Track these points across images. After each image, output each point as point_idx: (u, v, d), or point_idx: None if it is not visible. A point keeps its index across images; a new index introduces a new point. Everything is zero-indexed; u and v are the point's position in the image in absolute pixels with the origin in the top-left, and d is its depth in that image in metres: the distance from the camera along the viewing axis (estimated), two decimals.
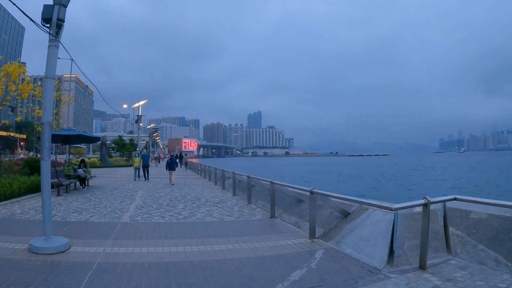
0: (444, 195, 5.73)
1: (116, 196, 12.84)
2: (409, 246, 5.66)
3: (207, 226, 7.68)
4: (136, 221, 8.09)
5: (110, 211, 9.49)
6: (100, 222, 8.04)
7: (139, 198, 12.29)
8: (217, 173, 18.23)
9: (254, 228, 7.62)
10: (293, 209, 8.85)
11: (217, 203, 11.24)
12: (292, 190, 9.03)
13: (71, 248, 5.71)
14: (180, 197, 12.57)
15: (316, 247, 6.08)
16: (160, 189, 15.55)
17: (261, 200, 10.91)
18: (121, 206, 10.38)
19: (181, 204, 10.91)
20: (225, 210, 9.80)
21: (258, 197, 11.36)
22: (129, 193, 13.65)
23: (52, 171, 13.59)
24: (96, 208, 9.98)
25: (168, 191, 14.51)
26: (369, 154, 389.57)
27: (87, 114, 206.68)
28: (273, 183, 8.91)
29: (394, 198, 24.00)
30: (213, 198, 12.36)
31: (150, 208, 9.94)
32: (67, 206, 10.35)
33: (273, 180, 8.97)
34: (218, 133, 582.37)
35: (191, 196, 13.06)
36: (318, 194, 6.83)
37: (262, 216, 9.11)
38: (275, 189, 9.01)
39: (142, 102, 24.40)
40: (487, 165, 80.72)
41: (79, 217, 8.53)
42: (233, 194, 13.28)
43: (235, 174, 13.37)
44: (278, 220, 8.54)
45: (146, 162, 21.02)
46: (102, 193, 13.62)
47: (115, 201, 11.46)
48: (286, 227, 7.72)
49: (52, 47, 6.05)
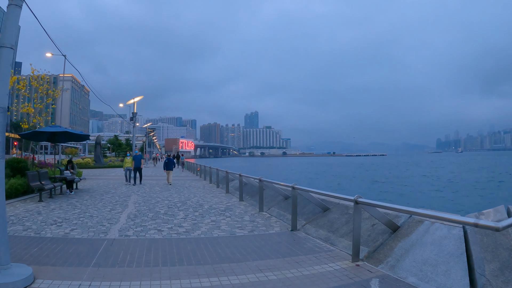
0: None
1: (106, 202, 11.22)
2: (491, 271, 4.14)
3: (216, 244, 6.09)
4: (127, 237, 6.49)
5: (96, 222, 7.87)
6: (82, 238, 6.42)
7: (133, 204, 10.67)
8: (219, 174, 16.63)
9: (276, 246, 6.03)
10: (319, 220, 7.29)
11: (223, 210, 9.64)
12: (317, 196, 7.49)
13: (35, 283, 4.12)
14: (179, 203, 10.97)
15: (366, 275, 4.53)
16: (157, 193, 13.93)
17: (275, 208, 9.34)
18: (110, 215, 8.76)
19: (181, 212, 9.30)
20: (234, 221, 8.21)
21: (271, 204, 9.80)
22: (122, 198, 12.03)
23: (33, 174, 11.98)
24: (81, 218, 8.36)
25: (166, 196, 12.90)
26: (367, 154, 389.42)
27: (84, 114, 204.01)
28: (295, 188, 7.33)
29: (469, 207, 20.40)
30: (217, 204, 10.77)
31: (145, 218, 8.32)
32: (47, 215, 8.72)
33: (295, 184, 7.39)
34: (215, 133, 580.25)
35: (192, 201, 11.46)
36: (364, 204, 5.26)
37: (280, 228, 7.53)
38: (296, 196, 7.43)
39: (138, 98, 22.74)
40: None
41: (57, 231, 6.92)
42: (239, 199, 11.70)
43: (242, 176, 11.79)
44: (302, 233, 6.96)
45: (138, 164, 18.01)
46: (91, 198, 11.99)
47: (104, 208, 9.84)
48: (315, 244, 6.15)
49: (12, 7, 4.50)
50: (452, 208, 19.96)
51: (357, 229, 5.29)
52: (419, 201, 23.88)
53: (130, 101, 22.60)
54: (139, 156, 18.61)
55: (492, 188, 32.36)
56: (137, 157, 18.45)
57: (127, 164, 18.06)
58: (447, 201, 24.28)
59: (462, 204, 22.24)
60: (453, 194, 29.00)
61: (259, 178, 9.64)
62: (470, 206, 20.93)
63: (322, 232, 6.74)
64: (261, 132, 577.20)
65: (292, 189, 7.40)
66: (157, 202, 11.22)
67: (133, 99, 22.50)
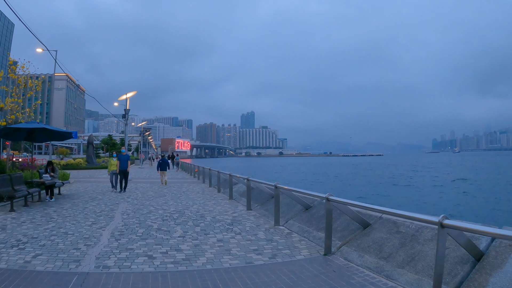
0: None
1: (89, 211, 9.44)
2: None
3: (230, 280, 4.36)
4: (105, 270, 4.74)
5: (70, 243, 6.11)
6: (44, 272, 4.66)
7: (120, 215, 8.90)
8: (220, 177, 14.88)
9: (313, 283, 4.30)
10: (360, 240, 5.59)
11: (230, 224, 7.91)
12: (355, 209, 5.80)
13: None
14: (176, 213, 9.22)
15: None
16: (150, 199, 12.16)
17: (294, 221, 7.63)
18: (90, 231, 7.00)
19: (179, 227, 7.55)
20: (247, 240, 6.48)
21: (288, 215, 8.11)
22: (108, 207, 10.26)
23: (4, 178, 10.19)
24: (53, 236, 6.60)
25: (161, 203, 11.14)
26: (364, 154, 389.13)
27: (79, 114, 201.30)
28: (330, 200, 5.62)
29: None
30: (222, 215, 9.03)
31: (133, 237, 6.56)
32: (12, 231, 6.97)
33: (329, 195, 5.67)
34: (211, 133, 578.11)
35: (192, 210, 9.71)
36: (452, 228, 3.58)
37: (309, 251, 5.81)
38: (331, 209, 5.72)
39: (131, 93, 20.92)
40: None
41: (15, 258, 5.16)
42: (247, 207, 9.96)
43: (250, 181, 10.05)
44: (340, 259, 5.26)
45: (124, 166, 14.51)
46: (73, 207, 10.21)
47: (85, 221, 8.06)
48: (365, 277, 4.47)
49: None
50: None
51: (440, 261, 3.61)
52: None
53: (123, 96, 20.76)
54: (125, 156, 14.93)
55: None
56: (123, 157, 14.81)
57: (112, 166, 14.65)
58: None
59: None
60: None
61: (275, 184, 7.91)
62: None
63: (369, 259, 5.03)
64: (257, 132, 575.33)
65: (327, 201, 5.68)
66: (150, 212, 9.46)
67: (126, 95, 20.67)
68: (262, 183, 9.70)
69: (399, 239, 5.12)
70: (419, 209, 19.06)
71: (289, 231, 7.25)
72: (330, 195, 5.67)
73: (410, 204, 23.01)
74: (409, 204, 22.93)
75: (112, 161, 14.84)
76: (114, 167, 14.54)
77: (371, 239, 5.48)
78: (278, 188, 7.84)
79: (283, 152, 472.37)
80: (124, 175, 14.52)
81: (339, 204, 5.69)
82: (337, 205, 5.77)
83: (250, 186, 10.02)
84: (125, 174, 14.57)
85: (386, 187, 35.77)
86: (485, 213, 20.04)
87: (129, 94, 20.67)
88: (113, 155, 15.33)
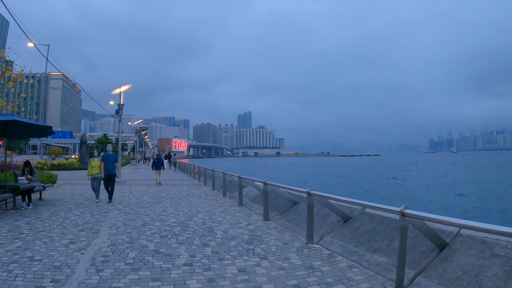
0: None
1: (70, 223, 7.65)
2: None
3: None
4: None
5: (33, 275, 4.34)
6: None
7: (107, 229, 7.11)
8: (226, 179, 13.10)
9: None
10: (440, 267, 3.86)
11: (249, 242, 6.14)
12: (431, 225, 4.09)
13: None
14: (177, 226, 7.45)
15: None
16: (145, 206, 10.37)
17: (334, 237, 5.90)
18: (64, 256, 5.21)
19: (183, 247, 5.76)
20: (279, 268, 4.72)
21: (321, 229, 6.41)
22: (94, 217, 8.46)
23: None
24: (13, 263, 4.82)
25: (158, 211, 9.35)
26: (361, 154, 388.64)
27: (75, 113, 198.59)
28: (406, 215, 3.88)
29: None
30: (235, 228, 7.26)
31: (120, 266, 4.76)
32: None
33: (405, 208, 3.93)
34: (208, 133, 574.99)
35: (196, 221, 7.93)
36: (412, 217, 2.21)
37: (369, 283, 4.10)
38: (407, 227, 3.99)
39: (125, 87, 19.08)
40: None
41: None
42: (264, 217, 8.19)
43: (268, 185, 8.25)
44: None
45: (110, 170, 11.33)
46: (51, 217, 8.41)
47: (61, 239, 6.27)
48: None
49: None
50: None
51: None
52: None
53: (116, 90, 18.92)
54: (112, 156, 11.55)
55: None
56: (109, 158, 11.44)
57: (94, 169, 11.40)
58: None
59: None
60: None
61: (308, 190, 6.13)
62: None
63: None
64: (254, 132, 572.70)
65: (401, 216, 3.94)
66: (145, 224, 7.66)
67: (119, 88, 18.83)
68: (283, 187, 7.94)
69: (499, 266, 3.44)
70: None
71: (329, 251, 5.51)
72: (405, 208, 3.93)
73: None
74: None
75: (93, 162, 11.52)
76: (96, 170, 11.42)
77: (458, 267, 3.77)
78: (312, 195, 6.07)
79: (280, 152, 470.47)
80: (111, 180, 11.34)
81: (413, 219, 3.95)
82: (410, 220, 4.02)
83: (267, 191, 8.24)
84: (112, 179, 11.39)
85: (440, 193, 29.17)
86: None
87: (123, 88, 18.82)
88: (94, 154, 11.87)
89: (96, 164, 11.46)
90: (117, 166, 11.48)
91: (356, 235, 5.69)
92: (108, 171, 11.29)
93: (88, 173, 11.51)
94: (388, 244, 5.05)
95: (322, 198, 6.05)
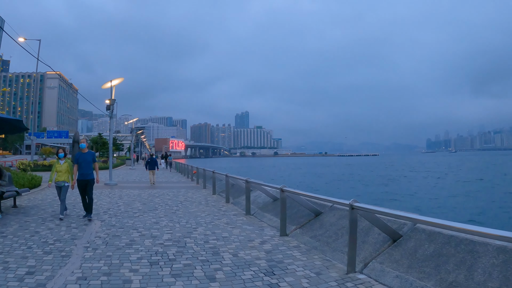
0: None
1: (37, 241, 6.03)
2: None
3: None
4: None
5: None
6: None
7: (82, 250, 5.48)
8: (229, 182, 11.50)
9: None
10: None
11: (269, 271, 4.54)
12: None
13: None
14: (173, 245, 5.83)
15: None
16: (135, 215, 8.73)
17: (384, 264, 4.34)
18: None
19: (180, 282, 4.16)
20: None
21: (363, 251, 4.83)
22: (70, 232, 6.83)
23: None
24: None
25: (149, 223, 7.71)
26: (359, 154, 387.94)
27: (71, 113, 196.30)
28: None
29: None
30: (247, 248, 5.65)
31: None
32: None
33: None
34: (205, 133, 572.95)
35: (197, 239, 6.32)
36: None
37: None
38: None
39: (117, 81, 17.42)
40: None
41: None
42: (280, 232, 6.59)
43: (285, 190, 6.63)
44: None
45: (87, 174, 8.29)
46: (18, 231, 6.78)
47: (19, 266, 4.67)
48: None
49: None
50: None
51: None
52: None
53: (107, 84, 17.27)
54: (88, 155, 8.38)
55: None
56: (84, 157, 8.30)
57: (60, 175, 8.37)
58: None
59: None
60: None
61: (350, 203, 4.54)
62: None
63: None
64: (252, 132, 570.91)
65: None
66: (131, 242, 6.04)
67: (111, 82, 17.17)
68: (305, 195, 6.35)
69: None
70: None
71: (383, 286, 3.93)
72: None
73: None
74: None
75: (57, 166, 8.36)
76: (62, 176, 8.31)
77: None
78: (355, 209, 4.48)
79: (278, 152, 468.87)
80: (88, 187, 8.19)
81: None
82: None
83: (285, 199, 6.63)
84: (89, 186, 8.21)
85: None
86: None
87: (114, 82, 17.17)
88: (59, 155, 8.47)
89: (62, 168, 8.35)
90: (96, 167, 8.47)
91: (416, 261, 4.15)
92: (84, 175, 8.18)
93: (50, 179, 8.50)
94: (468, 276, 3.52)
95: (368, 212, 4.48)
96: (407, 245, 4.60)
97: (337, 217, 6.25)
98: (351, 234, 4.51)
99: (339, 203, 5.05)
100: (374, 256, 4.71)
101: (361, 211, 4.52)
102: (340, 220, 6.09)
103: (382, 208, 4.56)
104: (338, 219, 6.15)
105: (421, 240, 4.51)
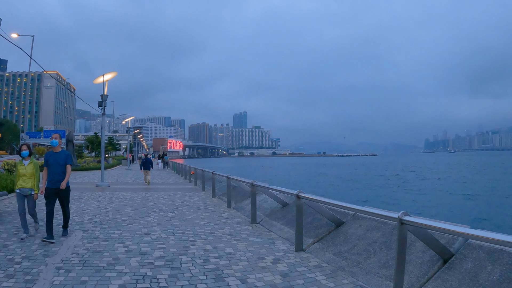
0: None
1: (2, 259, 4.93)
2: None
3: None
4: None
5: None
6: None
7: (51, 273, 4.38)
8: (230, 184, 10.41)
9: None
10: None
11: None
12: None
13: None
14: (165, 267, 4.74)
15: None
16: (124, 224, 7.62)
17: None
18: None
19: None
20: None
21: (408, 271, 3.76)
22: (44, 247, 5.71)
23: None
24: None
25: (139, 234, 6.59)
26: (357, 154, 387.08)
27: (69, 113, 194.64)
28: None
29: None
30: (257, 271, 4.56)
31: None
32: None
33: None
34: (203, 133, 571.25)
35: (194, 255, 5.23)
36: None
37: None
38: None
39: (109, 75, 16.29)
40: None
41: None
42: (296, 247, 5.49)
43: (301, 197, 5.54)
44: None
45: (59, 179, 6.12)
46: None
47: None
48: None
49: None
50: None
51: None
52: None
53: (99, 78, 16.14)
54: (60, 156, 6.31)
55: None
56: (55, 158, 6.26)
57: (24, 180, 6.19)
58: None
59: None
60: None
61: (399, 216, 3.45)
62: None
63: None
64: (250, 132, 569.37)
65: None
66: (114, 261, 4.93)
67: (103, 76, 16.03)
68: (325, 202, 5.28)
69: None
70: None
71: None
72: None
73: None
74: None
75: (20, 168, 6.29)
76: (29, 182, 6.20)
77: None
78: (406, 224, 3.40)
79: (276, 152, 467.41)
80: (60, 196, 6.32)
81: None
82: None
83: (301, 207, 5.54)
84: (63, 195, 6.35)
85: None
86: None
87: (107, 76, 16.05)
88: (22, 153, 6.36)
89: (27, 172, 6.21)
90: (68, 170, 6.29)
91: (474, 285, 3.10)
92: (55, 181, 6.15)
93: (15, 186, 6.31)
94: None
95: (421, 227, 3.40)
96: (463, 266, 3.58)
97: (364, 228, 5.19)
98: (399, 255, 3.45)
99: (384, 216, 3.95)
100: (423, 282, 3.67)
101: (412, 227, 3.44)
102: (368, 232, 5.04)
103: (435, 222, 3.50)
104: (366, 231, 5.09)
105: (481, 261, 3.50)
